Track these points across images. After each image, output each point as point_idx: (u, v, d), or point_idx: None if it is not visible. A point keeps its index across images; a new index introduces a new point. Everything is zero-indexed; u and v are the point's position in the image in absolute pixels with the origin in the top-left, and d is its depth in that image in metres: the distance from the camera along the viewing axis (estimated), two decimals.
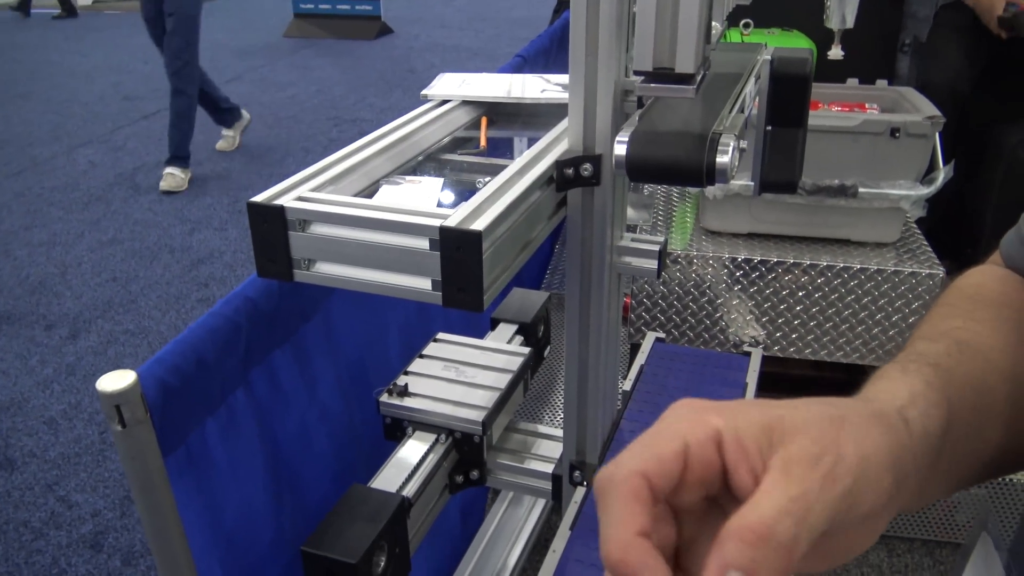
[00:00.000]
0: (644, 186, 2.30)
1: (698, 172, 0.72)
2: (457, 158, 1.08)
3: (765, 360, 2.03)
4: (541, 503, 1.78)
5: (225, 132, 4.81)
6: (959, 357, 0.44)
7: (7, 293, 3.25)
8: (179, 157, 4.25)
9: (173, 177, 4.21)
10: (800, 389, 2.13)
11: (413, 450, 1.09)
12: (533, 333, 1.36)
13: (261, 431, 1.09)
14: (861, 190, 1.77)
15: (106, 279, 3.35)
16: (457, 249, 0.74)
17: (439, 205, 0.92)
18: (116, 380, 0.82)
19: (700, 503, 0.34)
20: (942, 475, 0.40)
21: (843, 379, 2.19)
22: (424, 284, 0.78)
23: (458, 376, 1.19)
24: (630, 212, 1.11)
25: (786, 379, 2.16)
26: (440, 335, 1.29)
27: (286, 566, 1.14)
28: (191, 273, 3.37)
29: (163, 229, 3.81)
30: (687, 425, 0.32)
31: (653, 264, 1.03)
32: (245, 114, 4.84)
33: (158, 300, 3.14)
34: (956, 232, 2.69)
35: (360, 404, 1.33)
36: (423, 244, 0.76)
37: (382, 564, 0.96)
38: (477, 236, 0.74)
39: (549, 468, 1.16)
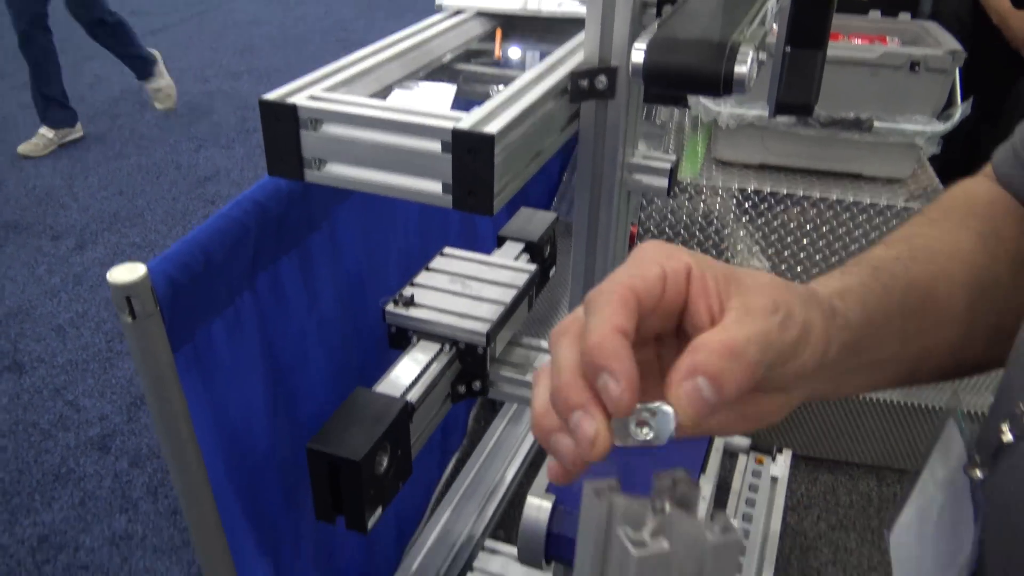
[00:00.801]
0: (656, 115, 2.27)
1: (715, 80, 0.71)
2: (471, 68, 1.07)
3: None
4: None
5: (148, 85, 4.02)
6: (909, 263, 0.46)
7: (14, 203, 3.25)
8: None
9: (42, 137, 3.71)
10: None
11: (417, 358, 1.10)
12: (539, 252, 1.37)
13: (265, 335, 1.10)
14: (876, 124, 1.75)
15: (112, 193, 3.35)
16: (469, 152, 0.74)
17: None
18: (127, 272, 0.83)
19: (651, 343, 0.37)
20: (862, 369, 0.42)
21: None
22: (435, 187, 0.78)
23: (463, 289, 1.20)
24: (640, 145, 1.11)
25: None
26: (447, 249, 1.29)
27: (287, 467, 1.17)
28: (197, 190, 3.37)
29: (170, 145, 3.79)
30: (663, 257, 0.35)
31: (663, 182, 1.03)
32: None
33: (164, 215, 3.14)
34: (969, 172, 2.65)
35: (363, 315, 1.35)
36: (435, 146, 0.76)
37: (384, 464, 0.99)
38: (490, 139, 0.74)
39: None
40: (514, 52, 1.21)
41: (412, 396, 1.05)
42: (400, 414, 0.99)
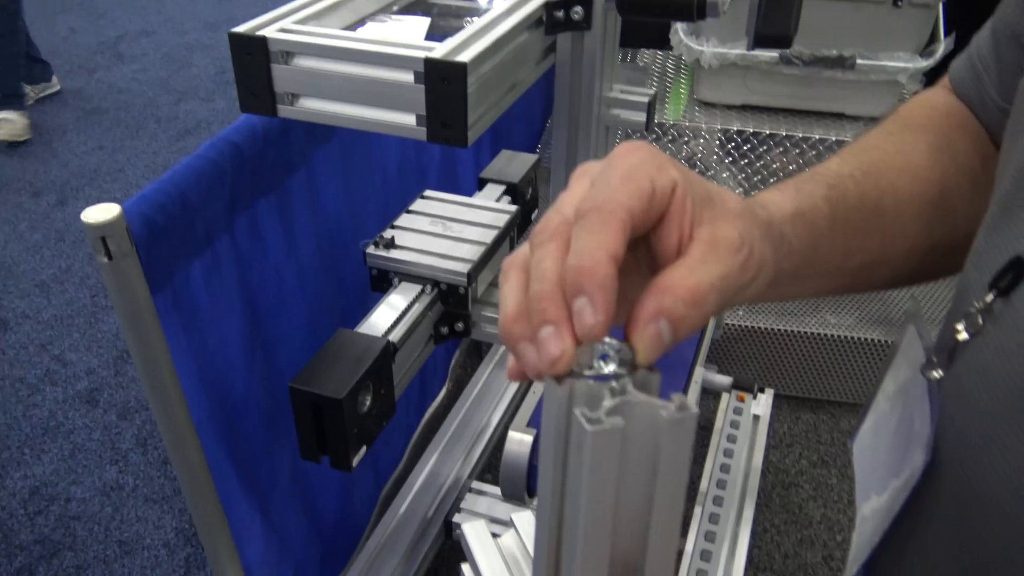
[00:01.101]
0: (638, 57, 2.25)
1: (689, 5, 0.70)
2: (444, 1, 1.05)
3: None
4: None
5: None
6: (861, 179, 0.46)
7: None
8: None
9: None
10: None
11: (399, 299, 1.11)
12: (521, 193, 1.36)
13: (245, 278, 1.10)
14: (859, 62, 1.74)
15: (92, 147, 3.30)
16: (442, 81, 0.74)
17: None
18: (102, 212, 0.82)
19: None
20: (799, 282, 0.44)
21: None
22: (408, 119, 0.78)
23: (444, 231, 1.20)
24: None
25: None
26: (428, 192, 1.29)
27: (268, 410, 1.18)
28: (178, 143, 3.33)
29: (148, 99, 3.73)
30: (655, 170, 0.33)
31: (642, 116, 1.03)
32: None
33: (145, 170, 3.10)
34: None
35: (343, 260, 1.35)
36: (408, 77, 0.75)
37: (368, 403, 0.99)
38: (462, 68, 0.73)
39: None
40: None
41: (394, 336, 1.05)
42: (382, 353, 0.99)
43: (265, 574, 1.24)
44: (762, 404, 1.69)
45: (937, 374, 0.40)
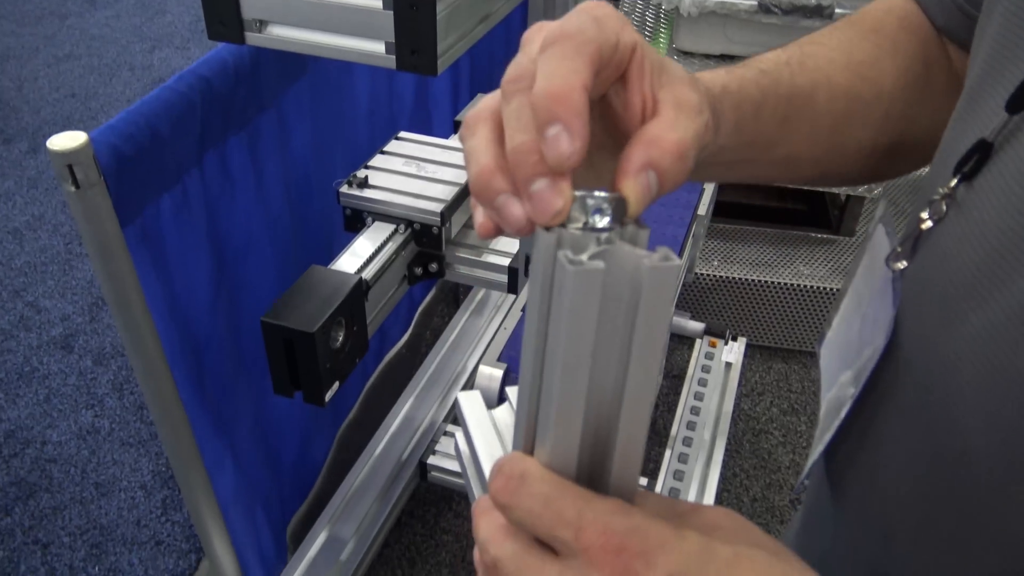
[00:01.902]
0: (619, 6, 2.23)
1: None
2: None
3: (730, 187, 2.06)
4: (500, 315, 1.84)
5: None
6: (796, 68, 0.46)
7: None
8: None
9: None
10: (763, 218, 2.17)
11: (372, 238, 1.11)
12: None
13: (214, 215, 1.09)
14: (837, 11, 1.73)
15: (64, 95, 3.24)
16: (411, 7, 0.73)
17: None
18: (67, 140, 0.81)
19: None
20: (733, 165, 0.45)
21: (803, 210, 2.23)
22: (378, 47, 0.77)
23: (418, 171, 1.20)
24: None
25: (747, 208, 2.20)
26: (402, 133, 1.28)
27: (235, 351, 1.18)
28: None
29: (122, 46, 3.66)
30: (620, 26, 0.33)
31: None
32: None
33: None
34: None
35: (317, 201, 1.34)
36: (376, 3, 0.75)
37: (340, 338, 1.00)
38: None
39: (506, 262, 1.19)
40: None
41: (367, 274, 1.05)
42: (354, 290, 1.00)
43: (237, 511, 1.26)
44: (734, 351, 1.72)
45: (901, 265, 0.41)
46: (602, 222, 0.30)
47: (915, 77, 0.50)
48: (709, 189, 1.25)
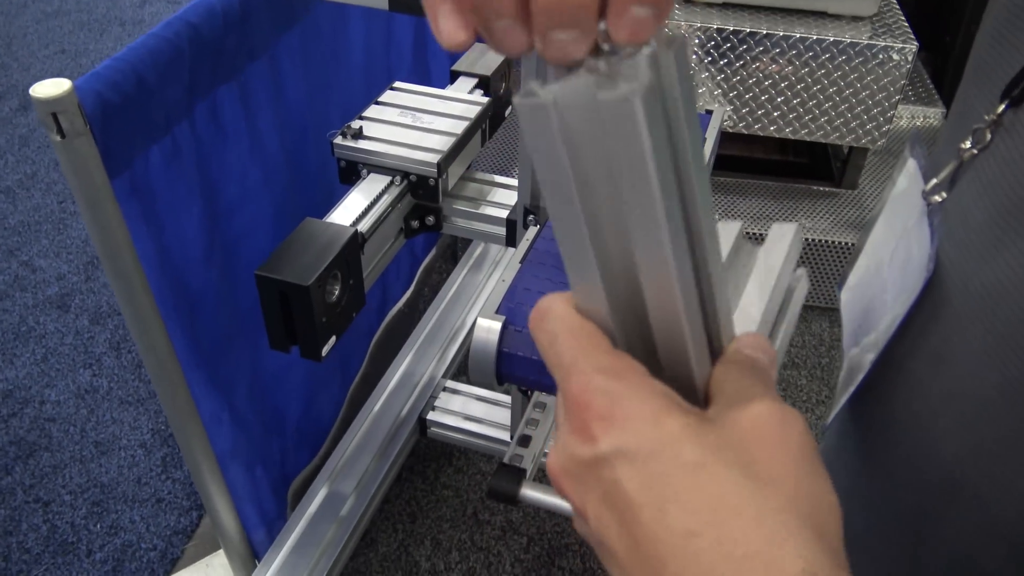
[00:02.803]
0: None
1: None
2: None
3: (731, 140, 2.02)
4: (499, 270, 1.82)
5: None
6: None
7: None
8: None
9: None
10: (764, 171, 2.14)
11: (367, 190, 1.09)
12: (494, 89, 1.33)
13: (206, 167, 1.07)
14: None
15: (54, 51, 3.18)
16: None
17: None
18: (51, 87, 0.79)
19: None
20: None
21: (805, 163, 2.20)
22: None
23: (414, 122, 1.17)
24: None
25: (748, 162, 2.17)
26: (397, 83, 1.25)
27: (232, 306, 1.16)
28: None
29: (111, 1, 3.58)
30: None
31: None
32: None
33: None
34: (937, 15, 2.60)
35: (313, 153, 1.32)
36: None
37: (336, 292, 0.99)
38: None
39: (504, 214, 1.17)
40: None
41: (363, 226, 1.04)
42: (350, 242, 0.98)
43: (237, 469, 1.25)
44: None
45: (939, 197, 0.39)
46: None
47: None
48: (709, 142, 1.22)
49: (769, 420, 0.27)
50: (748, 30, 1.75)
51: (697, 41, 1.78)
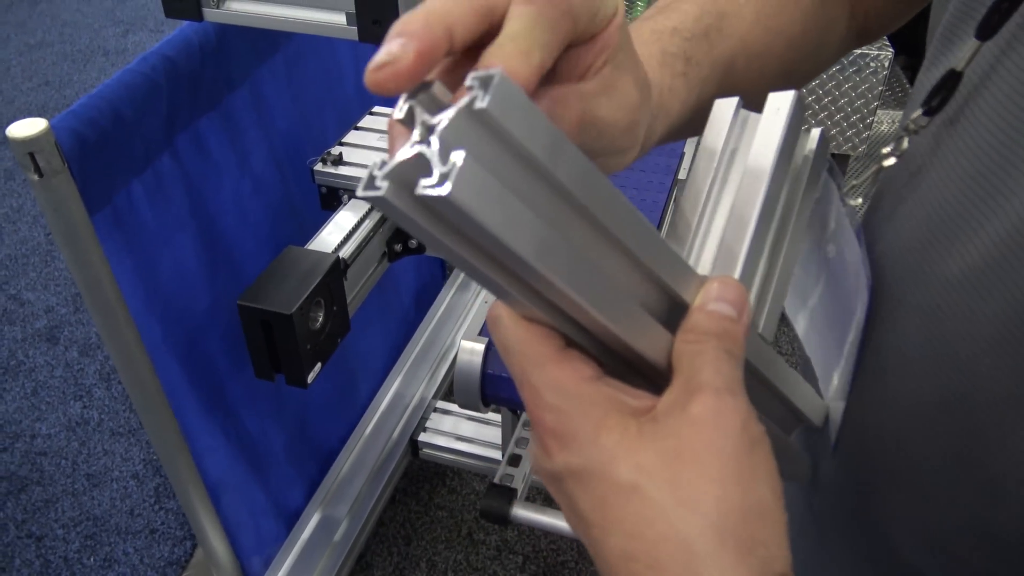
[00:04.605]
0: None
1: None
2: None
3: None
4: (485, 291, 1.83)
5: None
6: (716, 38, 0.42)
7: None
8: None
9: None
10: None
11: (348, 216, 1.09)
12: None
13: (192, 198, 1.08)
14: None
15: (38, 83, 3.19)
16: None
17: None
18: (27, 127, 0.79)
19: None
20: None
21: None
22: (339, 19, 0.75)
23: None
24: None
25: None
26: (376, 108, 1.26)
27: (224, 329, 1.16)
28: None
29: (94, 31, 3.59)
30: None
31: None
32: None
33: None
34: (913, 20, 2.62)
35: (295, 176, 1.32)
36: None
37: (320, 319, 0.99)
38: None
39: None
40: None
41: (344, 252, 1.04)
42: (332, 269, 0.98)
43: (234, 498, 1.25)
44: None
45: (856, 202, 0.40)
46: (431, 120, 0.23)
47: (815, 15, 0.47)
48: (688, 153, 1.23)
49: (704, 425, 0.27)
50: None
51: None
